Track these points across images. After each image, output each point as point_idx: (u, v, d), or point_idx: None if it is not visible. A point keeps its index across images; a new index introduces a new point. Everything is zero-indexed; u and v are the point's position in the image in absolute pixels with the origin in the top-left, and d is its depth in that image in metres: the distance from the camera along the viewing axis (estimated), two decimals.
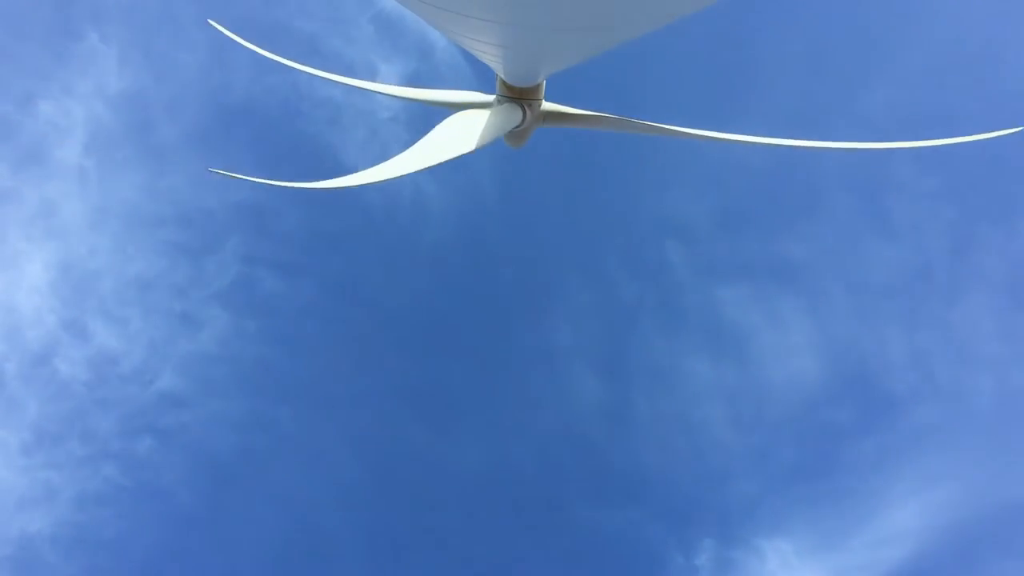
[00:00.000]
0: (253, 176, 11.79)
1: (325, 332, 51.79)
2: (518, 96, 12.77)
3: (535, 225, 55.16)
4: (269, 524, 47.50)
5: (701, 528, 48.42)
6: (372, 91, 19.25)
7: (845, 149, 14.03)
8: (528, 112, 12.97)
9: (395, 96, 17.59)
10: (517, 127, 13.32)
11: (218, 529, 46.79)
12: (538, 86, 12.63)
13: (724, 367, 51.48)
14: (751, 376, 51.02)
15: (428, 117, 14.25)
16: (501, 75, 12.07)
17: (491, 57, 8.79)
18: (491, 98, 13.83)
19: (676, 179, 52.93)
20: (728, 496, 49.27)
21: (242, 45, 21.97)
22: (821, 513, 47.61)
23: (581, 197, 54.02)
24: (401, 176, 11.31)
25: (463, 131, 12.14)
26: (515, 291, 54.78)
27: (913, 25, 48.78)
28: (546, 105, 13.33)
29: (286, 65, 21.80)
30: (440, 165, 11.27)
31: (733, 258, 52.07)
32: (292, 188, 11.39)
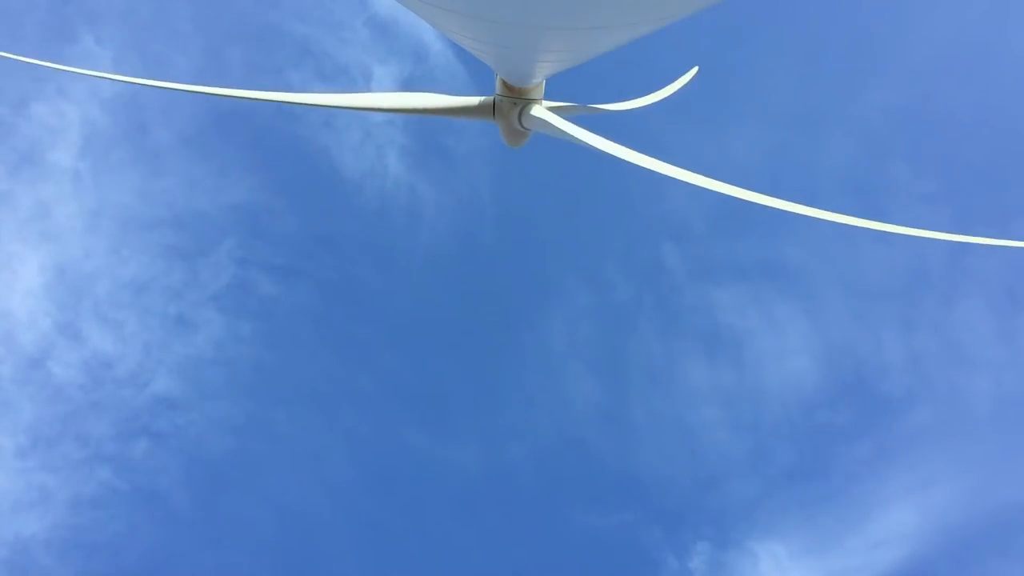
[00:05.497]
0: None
1: (320, 334, 51.76)
2: (517, 96, 12.77)
3: (532, 227, 55.24)
4: (264, 526, 47.42)
5: (695, 530, 48.48)
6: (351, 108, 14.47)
7: (826, 220, 13.48)
8: (498, 111, 13.07)
9: (376, 109, 14.08)
10: (505, 127, 13.39)
11: (213, 531, 46.68)
12: (537, 86, 12.63)
13: (720, 369, 51.59)
14: (747, 378, 51.13)
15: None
16: (501, 75, 12.08)
17: (490, 57, 8.80)
18: (489, 99, 13.82)
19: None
20: (723, 498, 49.35)
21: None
22: (816, 515, 47.72)
23: (578, 199, 54.11)
24: (339, 107, 11.40)
25: (424, 98, 12.77)
26: (512, 293, 54.83)
27: (911, 26, 49.00)
28: (538, 110, 13.23)
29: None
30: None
31: (730, 260, 52.21)
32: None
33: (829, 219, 12.55)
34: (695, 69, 23.92)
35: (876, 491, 46.79)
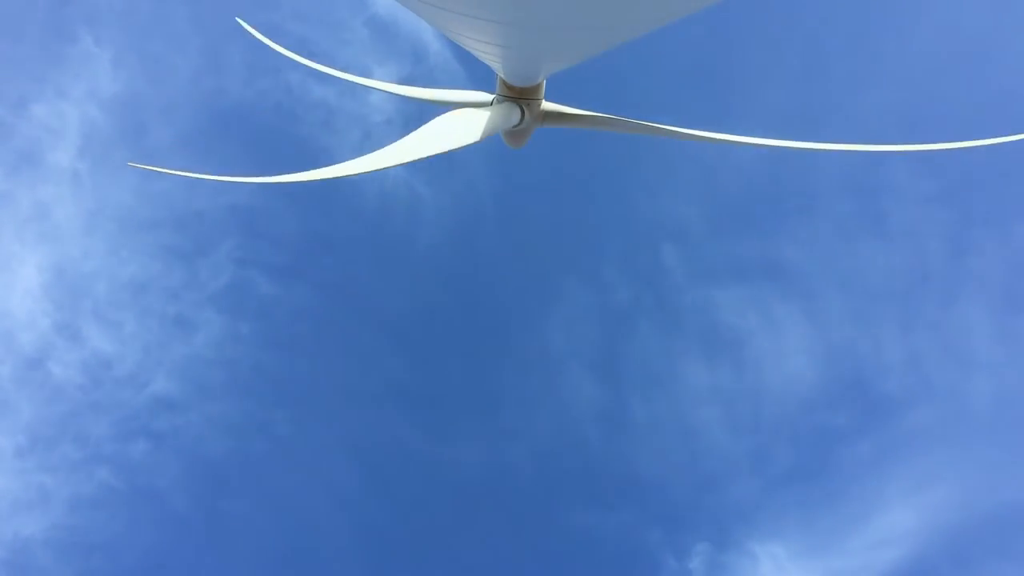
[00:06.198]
0: (185, 171, 11.64)
1: (320, 335, 51.74)
2: (518, 96, 12.77)
3: (531, 227, 55.22)
4: (264, 528, 47.40)
5: (695, 531, 48.47)
6: (373, 87, 19.70)
7: (835, 150, 14.01)
8: (527, 112, 12.98)
9: (396, 94, 17.78)
10: (516, 126, 13.33)
11: (213, 533, 46.66)
12: (538, 86, 12.64)
13: (719, 370, 51.57)
14: (746, 379, 51.11)
15: (423, 119, 14.24)
16: (501, 75, 12.07)
17: (491, 57, 8.79)
18: (490, 97, 13.84)
19: (672, 181, 53.04)
20: (722, 499, 49.34)
21: (270, 47, 22.05)
22: (815, 516, 47.71)
23: (577, 199, 54.11)
24: (386, 168, 11.03)
25: (459, 126, 11.98)
26: (511, 293, 54.81)
27: (908, 26, 49.01)
28: (546, 105, 13.35)
29: (312, 67, 22.16)
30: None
31: (729, 261, 52.21)
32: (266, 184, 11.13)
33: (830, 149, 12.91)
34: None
35: (876, 491, 46.83)
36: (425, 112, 15.98)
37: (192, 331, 48.27)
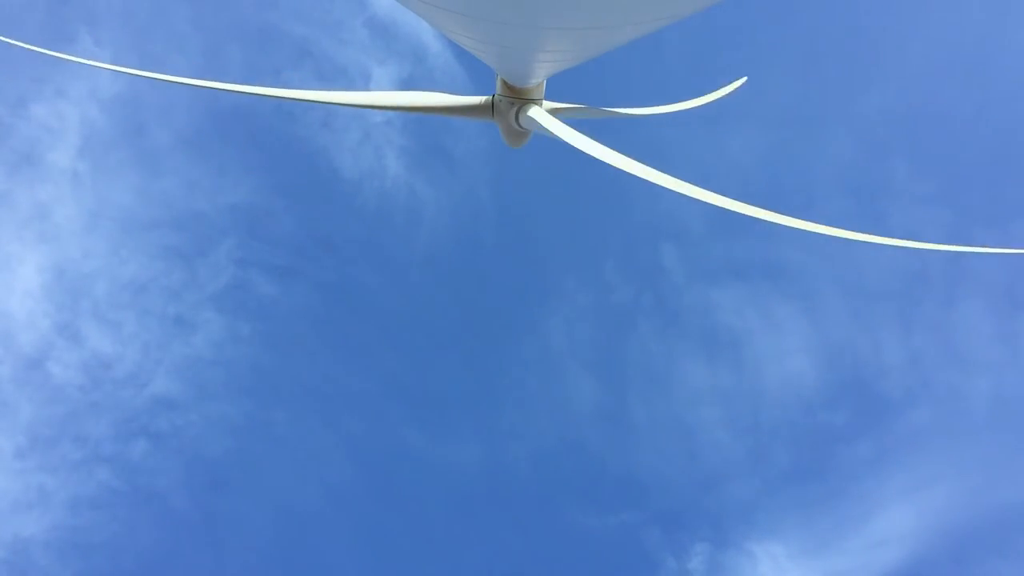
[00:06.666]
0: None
1: (319, 335, 51.73)
2: (518, 96, 12.81)
3: (532, 227, 55.23)
4: (264, 527, 47.40)
5: (694, 531, 48.48)
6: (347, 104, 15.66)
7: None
8: (497, 111, 13.25)
9: (376, 107, 15.16)
10: (496, 123, 13.61)
11: (212, 531, 46.66)
12: (538, 86, 12.66)
13: (719, 370, 51.58)
14: (746, 379, 51.12)
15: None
16: (501, 75, 12.10)
17: (490, 57, 8.80)
18: (485, 98, 13.90)
19: None
20: (722, 499, 49.36)
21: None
22: (814, 516, 47.72)
23: (577, 199, 54.12)
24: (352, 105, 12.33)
25: (428, 97, 13.48)
26: (511, 294, 54.82)
27: (911, 26, 49.03)
28: (547, 104, 13.37)
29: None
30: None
31: (728, 261, 52.21)
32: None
33: (816, 230, 12.73)
34: (743, 79, 23.12)
35: (875, 491, 46.85)
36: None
37: (192, 331, 48.32)
